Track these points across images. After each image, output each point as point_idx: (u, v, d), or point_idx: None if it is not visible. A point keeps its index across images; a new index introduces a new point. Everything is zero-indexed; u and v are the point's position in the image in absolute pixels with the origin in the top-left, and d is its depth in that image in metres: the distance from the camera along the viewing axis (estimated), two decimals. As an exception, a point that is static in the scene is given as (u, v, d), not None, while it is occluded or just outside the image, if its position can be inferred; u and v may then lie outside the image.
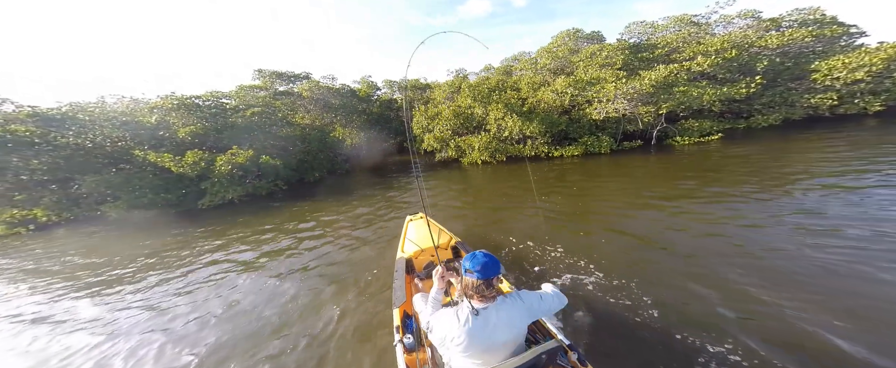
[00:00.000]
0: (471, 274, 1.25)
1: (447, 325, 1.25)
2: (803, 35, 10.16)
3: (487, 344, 1.21)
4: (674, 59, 11.11)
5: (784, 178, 5.36)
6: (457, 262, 2.82)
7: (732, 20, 11.98)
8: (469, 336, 1.19)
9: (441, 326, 1.27)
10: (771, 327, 2.28)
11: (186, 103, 10.29)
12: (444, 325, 1.26)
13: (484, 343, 1.21)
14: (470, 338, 1.19)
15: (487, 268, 1.25)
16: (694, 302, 2.63)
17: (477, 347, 1.21)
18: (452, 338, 1.22)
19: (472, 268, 1.26)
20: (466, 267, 1.28)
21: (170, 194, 8.83)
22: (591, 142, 9.86)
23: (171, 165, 8.31)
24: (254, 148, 10.25)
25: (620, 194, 5.80)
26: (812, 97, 9.73)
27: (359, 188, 9.50)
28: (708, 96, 8.80)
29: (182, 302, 3.77)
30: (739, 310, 2.46)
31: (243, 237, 6.02)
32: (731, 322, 2.36)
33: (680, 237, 3.80)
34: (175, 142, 9.84)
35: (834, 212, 3.89)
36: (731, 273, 2.94)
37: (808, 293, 2.58)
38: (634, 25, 13.38)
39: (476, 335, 1.20)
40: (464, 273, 1.30)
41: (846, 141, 7.48)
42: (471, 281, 1.26)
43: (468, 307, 1.24)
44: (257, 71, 15.05)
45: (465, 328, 1.20)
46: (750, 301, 2.56)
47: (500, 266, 1.32)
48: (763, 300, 2.55)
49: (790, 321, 2.31)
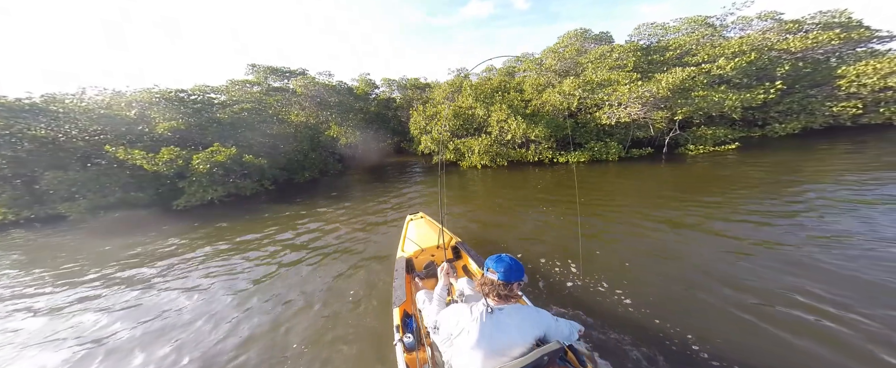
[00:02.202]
0: (493, 274, 1.26)
1: (459, 318, 1.25)
2: (830, 38, 9.40)
3: (496, 345, 1.19)
4: (686, 61, 10.35)
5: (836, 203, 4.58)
6: (456, 262, 2.85)
7: (751, 21, 11.22)
8: (480, 331, 1.18)
9: (451, 320, 1.28)
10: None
11: (168, 97, 9.50)
12: (455, 318, 1.26)
13: (492, 343, 1.19)
14: (481, 334, 1.18)
15: (510, 271, 1.25)
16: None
17: (485, 345, 1.18)
18: (461, 331, 1.22)
19: (495, 268, 1.27)
20: (490, 265, 1.29)
21: (143, 193, 8.04)
22: (599, 149, 9.08)
23: (143, 162, 7.51)
24: (239, 145, 9.47)
25: (649, 204, 5.02)
26: (834, 105, 8.96)
27: (351, 191, 8.73)
28: (730, 102, 8.03)
29: (124, 318, 3.03)
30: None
31: (213, 240, 5.25)
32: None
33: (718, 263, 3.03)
34: (154, 137, 9.05)
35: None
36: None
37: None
38: (644, 27, 12.62)
39: (486, 332, 1.19)
40: (485, 271, 1.31)
41: (875, 152, 6.74)
42: (491, 280, 1.26)
43: (484, 304, 1.24)
44: (251, 65, 14.27)
45: (478, 323, 1.20)
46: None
47: (524, 274, 1.30)
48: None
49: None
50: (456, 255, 2.98)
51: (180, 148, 8.39)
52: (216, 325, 2.93)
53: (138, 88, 10.12)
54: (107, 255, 5.24)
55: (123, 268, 4.59)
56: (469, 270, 2.73)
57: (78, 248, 5.81)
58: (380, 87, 18.86)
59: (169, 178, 8.32)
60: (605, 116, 9.10)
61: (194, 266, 4.44)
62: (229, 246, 5.08)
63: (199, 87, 11.61)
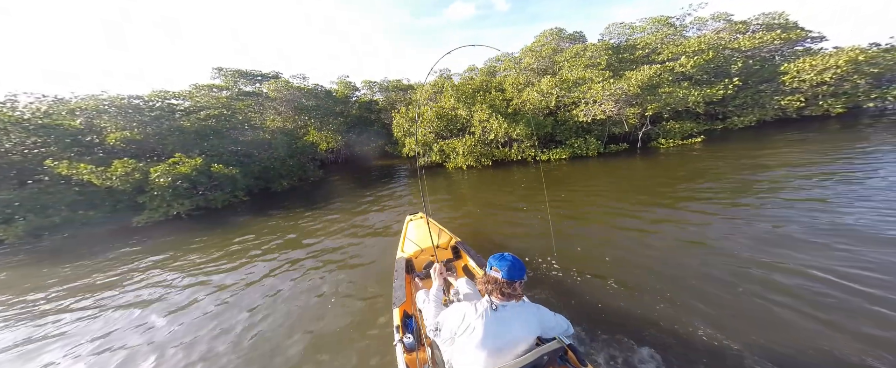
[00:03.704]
0: (496, 272, 1.26)
1: (462, 315, 1.24)
2: (773, 38, 10.25)
3: (500, 342, 1.18)
4: (653, 59, 10.89)
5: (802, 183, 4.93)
6: (456, 262, 2.81)
7: (706, 22, 12.02)
8: (485, 328, 1.18)
9: (454, 319, 1.26)
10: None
11: (120, 104, 8.54)
12: (459, 317, 1.25)
13: (497, 340, 1.18)
14: (486, 331, 1.17)
15: (513, 269, 1.25)
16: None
17: (490, 343, 1.17)
18: (466, 328, 1.20)
19: (498, 267, 1.26)
20: (493, 264, 1.28)
21: (95, 211, 7.14)
22: (579, 145, 9.29)
23: (92, 177, 6.66)
24: (207, 155, 8.71)
25: (627, 198, 5.11)
26: (781, 99, 9.80)
27: (333, 198, 8.29)
28: (693, 97, 8.50)
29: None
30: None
31: (170, 260, 4.69)
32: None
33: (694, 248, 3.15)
34: (107, 149, 8.09)
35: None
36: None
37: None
38: (614, 27, 13.16)
39: (491, 329, 1.18)
40: (488, 269, 1.31)
41: (818, 142, 7.41)
42: (494, 278, 1.26)
43: (487, 300, 1.25)
44: (217, 69, 13.24)
45: (482, 319, 1.19)
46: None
47: (525, 272, 1.29)
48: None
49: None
50: (456, 255, 2.95)
51: (137, 160, 7.56)
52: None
53: (83, 95, 9.00)
54: (40, 283, 4.54)
55: (52, 300, 3.96)
56: (469, 270, 2.69)
57: (7, 280, 5.00)
58: (361, 90, 18.28)
59: (126, 194, 7.46)
60: (582, 114, 9.33)
61: (140, 287, 3.93)
62: (186, 263, 4.57)
63: (157, 93, 10.56)
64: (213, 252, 5.11)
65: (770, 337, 2.07)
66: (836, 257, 2.83)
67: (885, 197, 3.94)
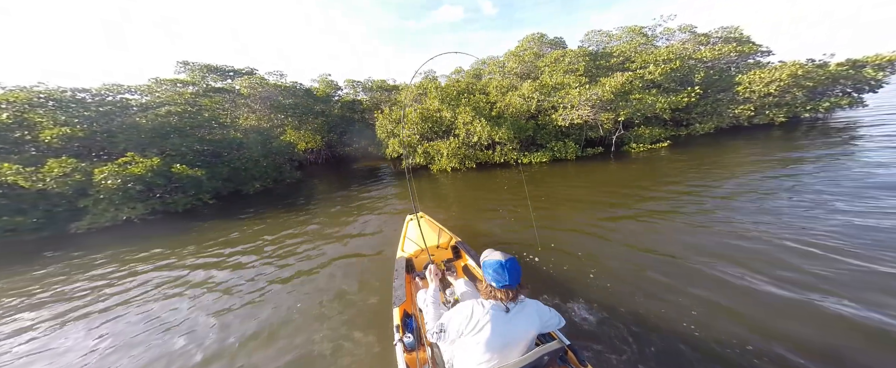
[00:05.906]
0: (501, 279, 1.25)
1: (470, 313, 1.23)
2: (729, 50, 11.03)
3: (506, 340, 1.19)
4: (627, 67, 11.34)
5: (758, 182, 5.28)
6: (456, 262, 2.79)
7: (674, 33, 12.74)
8: (493, 326, 1.17)
9: (460, 317, 1.24)
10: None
11: (58, 97, 7.44)
12: (466, 314, 1.23)
13: (503, 338, 1.19)
14: (493, 329, 1.17)
15: (514, 274, 1.24)
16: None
17: (497, 340, 1.17)
18: (474, 326, 1.19)
19: (500, 272, 1.25)
20: (494, 272, 1.26)
21: (24, 216, 6.11)
22: (559, 148, 9.40)
23: (18, 179, 5.69)
24: (167, 154, 7.83)
25: (602, 198, 5.16)
26: (735, 107, 10.56)
27: (309, 200, 7.73)
28: (661, 104, 8.89)
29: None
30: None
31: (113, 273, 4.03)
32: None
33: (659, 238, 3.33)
34: (41, 147, 7.00)
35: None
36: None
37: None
38: (593, 34, 13.60)
39: (499, 327, 1.18)
40: (489, 279, 1.29)
41: (765, 147, 8.05)
42: (498, 287, 1.25)
43: (496, 303, 1.24)
44: (182, 63, 12.07)
45: (490, 316, 1.19)
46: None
47: (520, 276, 1.28)
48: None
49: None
50: (456, 255, 2.90)
51: (80, 159, 6.60)
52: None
53: (12, 86, 7.75)
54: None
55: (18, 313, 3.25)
56: (469, 270, 2.64)
57: None
58: (343, 89, 17.55)
59: (65, 197, 6.47)
60: (560, 118, 9.48)
61: (69, 304, 3.32)
62: (128, 273, 3.96)
63: (108, 86, 9.38)
64: (166, 259, 4.49)
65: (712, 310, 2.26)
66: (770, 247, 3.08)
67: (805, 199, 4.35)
